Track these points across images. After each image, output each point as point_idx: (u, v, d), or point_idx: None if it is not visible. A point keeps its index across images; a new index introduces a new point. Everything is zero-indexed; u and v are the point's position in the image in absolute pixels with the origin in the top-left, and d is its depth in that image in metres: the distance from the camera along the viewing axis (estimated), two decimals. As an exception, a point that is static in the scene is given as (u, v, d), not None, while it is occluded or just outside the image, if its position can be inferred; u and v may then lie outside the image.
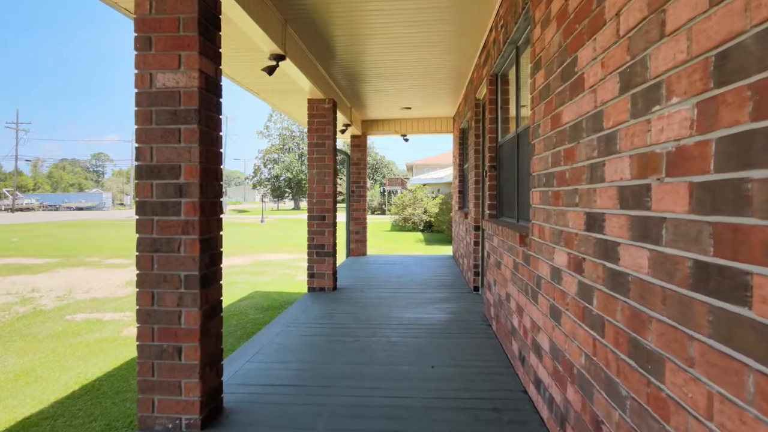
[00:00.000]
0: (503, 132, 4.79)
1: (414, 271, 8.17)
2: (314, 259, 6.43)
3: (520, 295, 3.24)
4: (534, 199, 2.86)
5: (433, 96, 7.98)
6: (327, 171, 6.39)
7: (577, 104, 2.06)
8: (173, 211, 2.50)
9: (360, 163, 10.26)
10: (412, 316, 5.05)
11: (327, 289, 6.44)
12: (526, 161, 3.67)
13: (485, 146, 6.04)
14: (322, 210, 6.40)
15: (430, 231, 25.04)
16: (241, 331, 7.53)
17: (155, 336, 2.52)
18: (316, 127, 6.39)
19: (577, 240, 2.06)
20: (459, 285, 6.86)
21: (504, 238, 3.70)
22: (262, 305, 9.36)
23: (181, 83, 2.49)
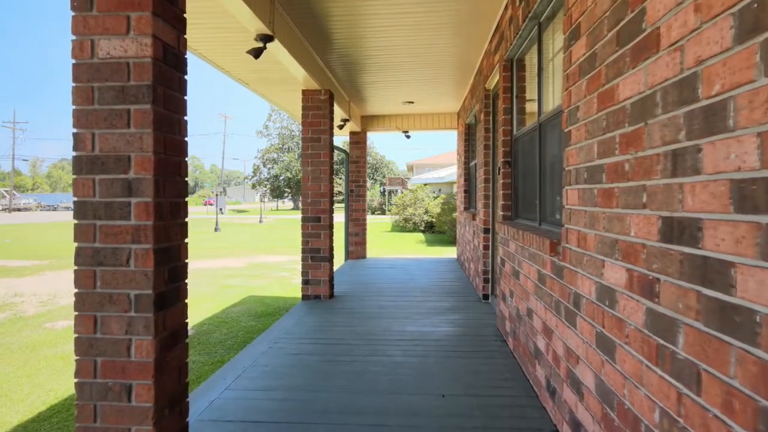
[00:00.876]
0: (519, 124, 4.27)
1: (417, 276, 7.64)
2: (309, 265, 5.91)
3: (548, 313, 2.72)
4: (569, 199, 2.33)
5: (437, 89, 7.45)
6: (323, 168, 5.87)
7: (647, 71, 1.54)
8: (121, 213, 1.98)
9: (359, 161, 9.74)
10: (417, 329, 4.53)
11: (323, 297, 5.92)
12: (553, 154, 3.14)
13: (496, 141, 5.51)
14: (318, 211, 5.88)
15: (431, 232, 24.51)
16: (232, 341, 7.02)
17: (98, 371, 1.99)
18: (310, 120, 5.86)
19: (646, 253, 1.54)
20: (466, 292, 6.33)
21: (525, 244, 3.18)
22: (256, 311, 8.85)
23: (130, 52, 1.97)
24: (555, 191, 3.11)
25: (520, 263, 3.50)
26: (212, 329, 7.65)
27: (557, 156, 3.06)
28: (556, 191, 3.08)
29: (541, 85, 3.42)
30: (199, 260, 15.83)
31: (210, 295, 10.22)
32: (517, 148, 4.27)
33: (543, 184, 3.34)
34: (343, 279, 7.48)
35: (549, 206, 3.25)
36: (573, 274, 2.27)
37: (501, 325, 4.33)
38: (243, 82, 5.72)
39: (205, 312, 8.77)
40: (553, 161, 3.16)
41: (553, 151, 3.18)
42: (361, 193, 9.71)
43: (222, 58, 4.92)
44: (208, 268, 14.04)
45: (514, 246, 3.71)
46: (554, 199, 3.14)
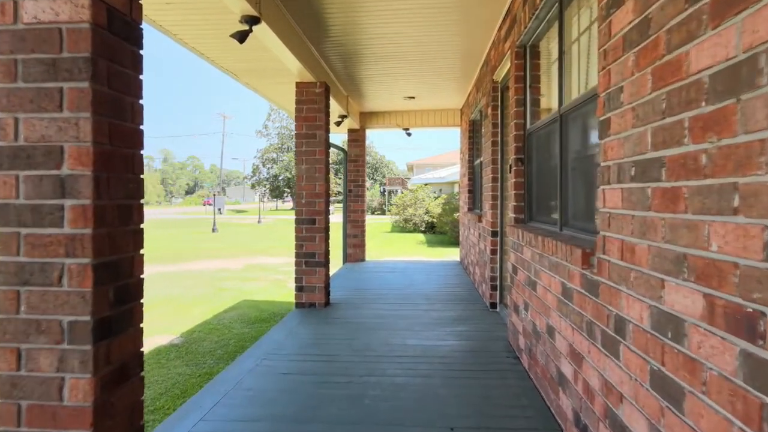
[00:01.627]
0: (533, 117, 3.86)
1: (418, 281, 7.23)
2: (303, 270, 5.50)
3: (576, 334, 2.31)
4: (608, 201, 1.92)
5: (440, 83, 7.04)
6: (318, 167, 5.45)
7: (742, 28, 1.13)
8: (51, 220, 1.57)
9: (358, 160, 9.32)
10: (420, 343, 4.12)
11: (318, 304, 5.51)
12: (577, 149, 2.73)
13: (505, 137, 5.10)
14: (313, 212, 5.46)
15: (432, 232, 24.10)
16: (223, 350, 6.61)
17: (23, 419, 1.58)
18: (305, 115, 5.45)
19: (739, 276, 1.13)
20: (472, 299, 5.92)
21: (545, 252, 2.77)
22: (249, 317, 8.44)
23: (62, 16, 1.56)
24: (579, 191, 2.70)
25: (537, 273, 3.09)
26: (202, 337, 7.24)
27: (583, 151, 2.65)
28: (581, 191, 2.67)
29: (562, 71, 3.00)
30: (195, 261, 15.43)
31: (203, 299, 9.81)
32: (531, 143, 3.86)
33: (564, 184, 2.93)
34: (340, 284, 7.06)
35: (572, 208, 2.84)
36: (614, 293, 1.86)
37: (513, 340, 3.92)
38: (231, 72, 5.30)
39: (196, 318, 8.36)
40: (578, 157, 2.75)
41: (577, 146, 2.77)
42: (360, 193, 9.29)
43: (204, 43, 4.48)
44: (204, 270, 13.63)
45: (529, 253, 3.30)
46: (578, 200, 2.73)
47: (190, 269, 13.90)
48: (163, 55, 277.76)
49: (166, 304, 9.44)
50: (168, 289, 10.97)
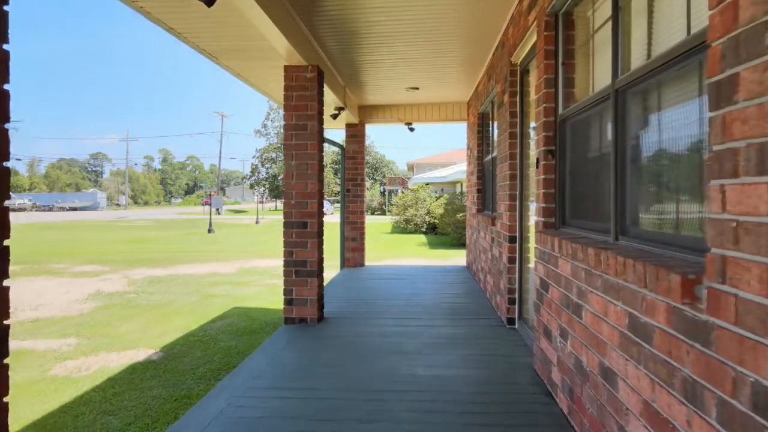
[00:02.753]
0: (567, 100, 3.17)
1: (423, 290, 6.54)
2: (293, 281, 4.81)
3: (662, 392, 1.63)
4: (736, 203, 1.24)
5: (446, 70, 6.36)
6: (310, 162, 4.77)
7: None
8: None
9: (357, 157, 8.63)
10: (430, 372, 3.43)
11: (309, 320, 4.82)
12: (651, 131, 2.05)
13: (524, 128, 4.42)
14: (304, 215, 4.78)
15: (433, 233, 23.41)
16: (206, 368, 5.92)
17: None
18: (294, 103, 4.76)
19: None
20: (484, 312, 5.23)
21: (601, 269, 2.08)
22: (238, 327, 7.76)
23: None
24: (650, 189, 2.02)
25: (583, 294, 2.40)
26: (185, 351, 6.55)
27: (661, 133, 1.97)
28: (655, 189, 1.99)
29: (618, 33, 2.32)
30: (186, 265, 14.74)
31: (190, 308, 9.12)
32: (564, 132, 3.17)
33: (620, 179, 2.24)
34: (336, 294, 6.38)
35: (635, 212, 2.16)
36: (748, 347, 1.18)
37: (543, 371, 3.23)
38: (209, 53, 4.61)
39: (180, 328, 7.67)
40: (650, 142, 2.07)
41: (648, 128, 2.09)
42: (359, 192, 8.60)
43: (172, 14, 3.73)
44: (194, 275, 12.95)
45: (569, 267, 2.61)
46: (647, 201, 2.05)
47: (180, 273, 13.21)
48: (162, 54, 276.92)
49: (150, 312, 8.76)
50: (154, 296, 10.29)
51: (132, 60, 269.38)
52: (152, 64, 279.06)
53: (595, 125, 2.72)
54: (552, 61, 3.25)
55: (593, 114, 2.70)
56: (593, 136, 2.75)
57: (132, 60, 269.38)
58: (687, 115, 1.75)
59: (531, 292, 4.35)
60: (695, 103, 1.70)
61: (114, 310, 8.99)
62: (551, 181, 3.26)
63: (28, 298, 10.03)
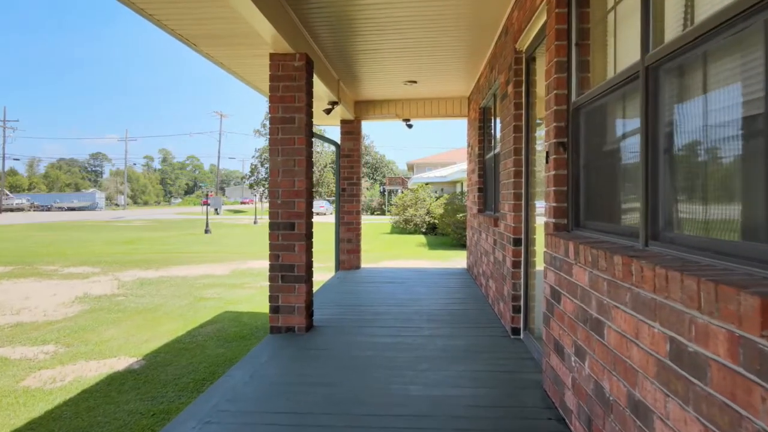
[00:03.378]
0: (581, 85, 2.81)
1: (421, 295, 6.17)
2: (279, 287, 4.44)
3: (717, 442, 1.26)
4: None
5: (446, 62, 5.99)
6: (297, 158, 4.40)
7: None
8: None
9: (352, 155, 8.26)
10: (426, 393, 3.06)
11: (297, 329, 4.45)
12: (671, 117, 1.68)
13: (531, 120, 4.05)
14: (291, 215, 4.41)
15: (433, 234, 23.05)
16: (190, 378, 5.57)
17: None
18: (281, 94, 4.40)
19: None
20: (487, 320, 4.86)
21: (630, 282, 1.72)
22: (228, 333, 7.41)
23: None
24: (687, 185, 1.66)
25: (605, 309, 2.03)
26: (169, 360, 6.19)
27: (693, 118, 1.60)
28: (693, 185, 1.62)
29: (648, 3, 1.95)
30: (179, 266, 14.39)
31: (179, 312, 8.76)
32: (578, 121, 2.80)
33: (653, 173, 1.88)
34: (329, 299, 6.01)
35: (667, 212, 1.80)
36: None
37: (554, 392, 2.86)
38: (186, 39, 4.23)
39: (165, 335, 7.31)
40: (683, 129, 1.71)
41: (678, 112, 1.73)
42: (355, 192, 8.23)
43: None
44: (187, 277, 12.60)
45: (586, 276, 2.25)
46: (692, 198, 1.68)
47: (172, 275, 12.86)
48: (162, 54, 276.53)
49: (137, 317, 8.40)
50: (143, 299, 9.93)
51: (132, 60, 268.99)
52: (152, 64, 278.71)
53: (617, 112, 2.35)
54: (564, 42, 2.88)
55: (614, 99, 2.33)
56: (614, 124, 2.39)
57: (132, 60, 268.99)
58: (749, 90, 1.39)
59: (538, 299, 3.98)
60: (761, 74, 1.33)
61: (100, 314, 8.62)
62: (563, 178, 2.89)
63: (13, 301, 9.67)
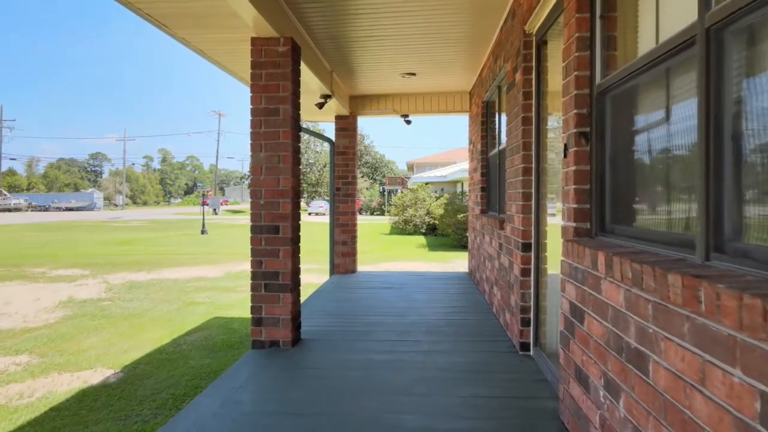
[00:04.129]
0: (607, 66, 2.37)
1: (419, 302, 5.74)
2: (262, 297, 4.00)
3: None
4: None
5: (447, 52, 5.56)
6: (282, 154, 3.97)
7: None
8: None
9: (347, 152, 7.82)
10: (424, 424, 2.62)
11: (282, 343, 4.01)
12: None
13: (541, 111, 3.62)
14: (275, 217, 3.97)
15: (433, 234, 22.61)
16: (169, 392, 5.14)
17: None
18: (264, 83, 3.96)
19: None
20: (491, 333, 4.43)
21: (688, 307, 1.28)
22: (216, 342, 6.97)
23: None
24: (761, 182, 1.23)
25: (651, 340, 1.60)
26: (149, 372, 5.76)
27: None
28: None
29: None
30: (171, 269, 13.96)
31: (166, 318, 8.33)
32: (603, 107, 2.37)
33: (716, 167, 1.44)
34: (320, 306, 5.57)
35: (736, 218, 1.36)
36: None
37: (575, 426, 2.42)
38: (154, 19, 3.78)
39: (148, 344, 6.88)
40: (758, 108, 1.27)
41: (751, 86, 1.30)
42: (350, 191, 7.80)
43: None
44: (178, 280, 12.16)
45: (621, 295, 1.81)
46: None
47: (163, 278, 12.43)
48: (161, 53, 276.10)
49: (121, 323, 7.96)
50: (130, 303, 9.49)
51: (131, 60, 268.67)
52: (151, 64, 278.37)
53: (658, 92, 1.92)
54: (586, 15, 2.45)
55: (654, 77, 1.90)
56: (654, 107, 1.95)
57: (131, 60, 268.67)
58: None
59: (551, 311, 3.55)
60: None
61: (82, 320, 8.19)
62: (585, 174, 2.46)
63: (-8, 306, 9.24)
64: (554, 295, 3.45)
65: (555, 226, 3.44)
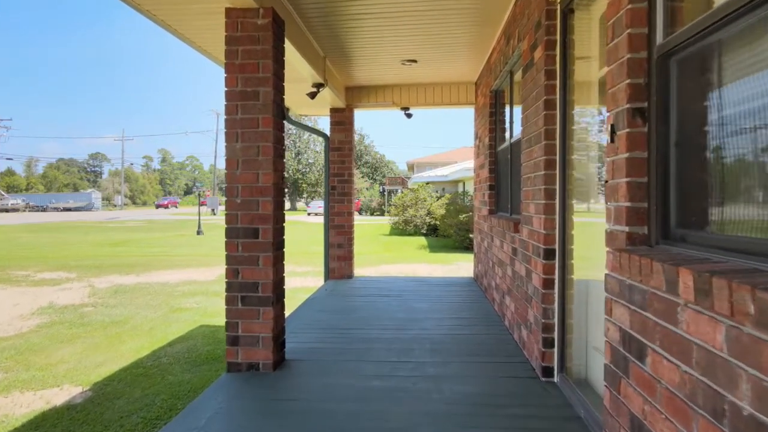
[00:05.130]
0: (672, 20, 1.80)
1: (422, 313, 5.16)
2: (238, 311, 3.42)
3: None
4: None
5: (452, 34, 4.99)
6: (262, 145, 3.39)
7: None
8: None
9: (343, 148, 7.24)
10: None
11: (263, 366, 3.43)
12: None
13: (569, 90, 3.04)
14: (253, 219, 3.40)
15: (434, 235, 22.03)
16: (140, 415, 4.61)
17: None
18: (240, 62, 3.39)
19: None
20: (506, 351, 3.85)
21: None
22: (199, 354, 6.40)
23: None
24: None
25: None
26: (121, 390, 5.19)
27: None
28: None
29: None
30: (162, 271, 13.39)
31: (149, 326, 7.76)
32: (667, 74, 1.79)
33: None
34: (311, 318, 4.99)
35: None
36: None
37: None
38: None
39: (126, 356, 6.31)
40: None
41: None
42: (346, 190, 7.21)
43: None
44: (167, 283, 11.59)
45: (722, 334, 1.24)
46: None
47: (152, 281, 11.85)
48: (161, 53, 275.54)
49: (100, 332, 7.39)
50: (114, 310, 8.92)
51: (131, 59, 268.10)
52: (151, 64, 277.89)
53: (748, 50, 1.34)
54: (643, -47, 1.87)
55: (745, 29, 1.33)
56: (743, 71, 1.38)
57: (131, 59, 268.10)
58: None
59: (579, 329, 2.97)
60: None
61: (59, 329, 7.61)
62: (641, 163, 1.88)
63: (-36, 312, 8.67)
64: (584, 309, 2.87)
65: (585, 229, 2.86)
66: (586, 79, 2.90)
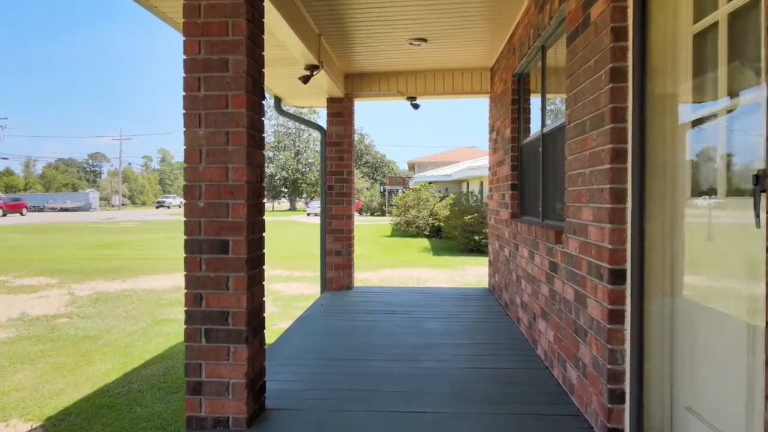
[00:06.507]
0: None
1: (435, 336, 4.33)
2: (201, 349, 2.60)
3: None
4: None
5: (466, 6, 4.17)
6: (232, 131, 2.57)
7: None
8: None
9: (342, 143, 6.41)
10: None
11: (233, 422, 2.60)
12: None
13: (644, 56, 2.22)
14: (221, 228, 2.57)
15: (437, 237, 21.20)
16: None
17: None
18: (203, 20, 2.56)
19: None
20: (546, 395, 3.03)
21: None
22: (177, 377, 5.59)
23: None
24: None
25: None
26: (78, 426, 4.37)
27: None
28: None
29: None
30: (150, 276, 12.57)
31: (126, 341, 6.94)
32: None
33: None
34: (301, 345, 4.16)
35: None
36: None
37: None
38: None
39: (92, 380, 5.50)
40: None
41: None
42: (345, 190, 6.38)
43: None
44: (154, 290, 10.78)
45: None
46: None
47: (138, 288, 11.04)
48: (160, 53, 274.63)
49: (69, 349, 6.56)
50: (90, 321, 8.09)
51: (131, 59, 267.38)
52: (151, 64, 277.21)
53: None
54: None
55: None
56: None
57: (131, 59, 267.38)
58: None
59: (661, 377, 2.15)
60: None
61: (24, 345, 6.79)
62: None
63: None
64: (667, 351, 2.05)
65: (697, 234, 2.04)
66: (673, 34, 2.08)
